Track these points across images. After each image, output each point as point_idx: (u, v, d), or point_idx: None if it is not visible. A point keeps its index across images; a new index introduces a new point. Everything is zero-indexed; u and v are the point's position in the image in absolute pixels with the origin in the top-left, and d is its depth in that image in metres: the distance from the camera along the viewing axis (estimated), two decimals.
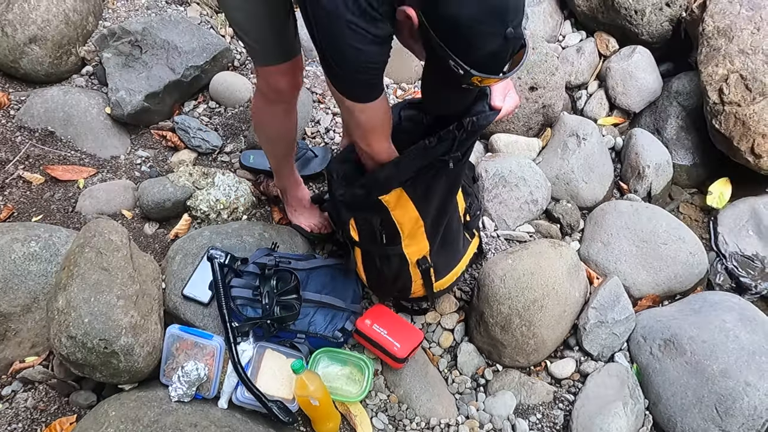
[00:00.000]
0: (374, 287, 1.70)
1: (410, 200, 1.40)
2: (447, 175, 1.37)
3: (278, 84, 1.44)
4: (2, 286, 1.51)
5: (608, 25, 2.58)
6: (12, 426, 1.46)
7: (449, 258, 1.59)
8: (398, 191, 1.38)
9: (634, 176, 2.24)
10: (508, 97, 1.34)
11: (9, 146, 2.02)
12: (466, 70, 1.03)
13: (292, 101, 1.56)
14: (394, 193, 1.38)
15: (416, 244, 1.48)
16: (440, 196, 1.42)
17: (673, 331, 1.68)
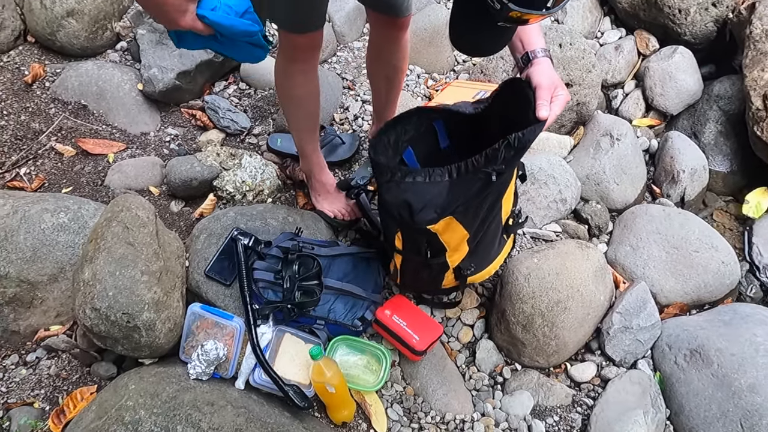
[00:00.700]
0: (405, 286, 1.68)
1: (460, 223, 1.34)
2: (492, 187, 1.28)
3: (300, 43, 1.44)
4: (31, 255, 1.54)
5: (649, 24, 2.50)
6: (35, 392, 1.49)
7: (484, 257, 1.53)
8: (448, 218, 1.31)
9: (667, 180, 2.18)
10: (556, 99, 1.21)
11: (43, 117, 2.05)
12: (504, 4, 0.90)
13: (313, 61, 1.54)
14: (443, 221, 1.31)
15: (459, 252, 1.44)
16: (486, 208, 1.36)
17: (701, 342, 1.63)
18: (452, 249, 1.41)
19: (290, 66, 1.52)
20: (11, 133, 1.99)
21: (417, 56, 2.48)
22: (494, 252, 1.55)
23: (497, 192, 1.36)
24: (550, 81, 1.21)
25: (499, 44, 1.14)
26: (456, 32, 1.12)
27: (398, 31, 1.65)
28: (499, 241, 1.55)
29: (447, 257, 1.43)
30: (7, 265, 1.52)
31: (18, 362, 1.54)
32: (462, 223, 1.34)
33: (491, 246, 1.52)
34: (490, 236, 1.47)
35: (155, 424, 1.20)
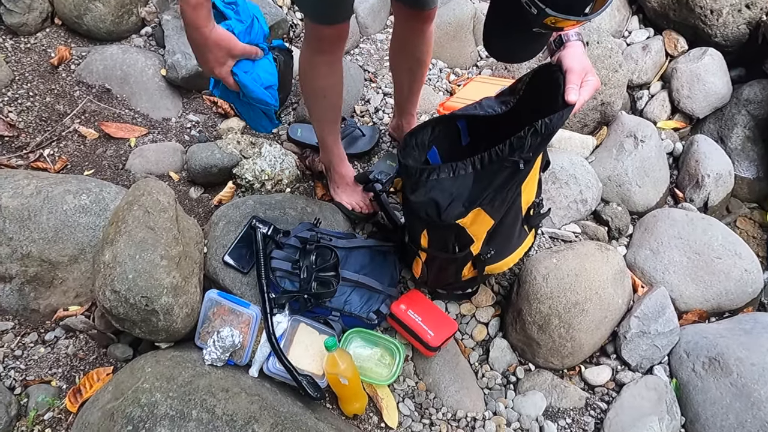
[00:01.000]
0: (428, 283, 1.67)
1: (487, 214, 1.33)
2: (520, 175, 1.28)
3: (325, 35, 1.43)
4: (53, 236, 1.56)
5: (679, 24, 2.45)
6: (53, 370, 1.51)
7: (503, 244, 1.50)
8: (476, 210, 1.30)
9: (691, 184, 2.14)
10: (586, 84, 1.18)
11: (67, 100, 2.07)
12: (541, 9, 0.88)
13: (339, 53, 1.54)
14: (471, 213, 1.30)
15: (481, 240, 1.42)
16: (510, 197, 1.35)
17: (720, 350, 1.61)
18: (478, 239, 1.40)
19: (315, 57, 1.52)
20: (36, 114, 2.01)
21: (440, 50, 2.46)
22: (514, 242, 1.52)
23: (520, 181, 1.34)
24: (581, 65, 1.19)
25: (534, 51, 1.12)
26: (490, 37, 1.10)
27: (423, 24, 1.63)
28: (520, 233, 1.52)
29: (473, 249, 1.42)
30: (29, 245, 1.54)
31: (37, 340, 1.57)
32: (489, 213, 1.33)
33: (511, 234, 1.49)
34: (509, 223, 1.45)
35: (171, 407, 1.21)
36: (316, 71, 1.55)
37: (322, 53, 1.49)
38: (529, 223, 1.52)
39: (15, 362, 1.51)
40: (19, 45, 2.17)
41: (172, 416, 1.19)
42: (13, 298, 1.58)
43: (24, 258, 1.55)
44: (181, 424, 1.18)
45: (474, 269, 1.51)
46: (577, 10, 0.92)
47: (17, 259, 1.55)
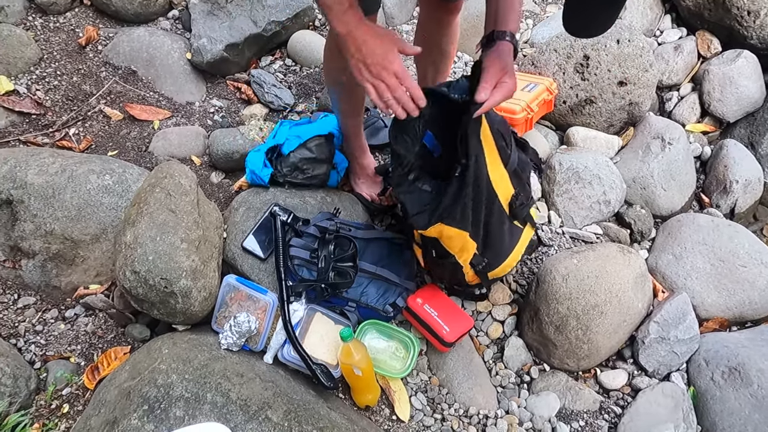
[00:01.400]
0: (431, 273, 1.67)
1: (453, 227, 1.35)
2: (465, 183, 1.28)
3: None
4: (76, 214, 1.58)
5: (714, 25, 2.38)
6: (72, 347, 1.54)
7: (498, 249, 1.49)
8: (438, 226, 1.33)
9: (718, 190, 2.09)
10: (500, 85, 1.16)
11: (94, 80, 2.09)
12: None
13: None
14: (433, 229, 1.35)
15: (467, 252, 1.43)
16: (474, 203, 1.34)
17: (741, 360, 1.57)
18: (459, 250, 1.41)
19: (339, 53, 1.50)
20: (63, 93, 2.03)
21: (466, 43, 2.43)
22: (507, 243, 1.49)
23: (474, 185, 1.31)
24: (500, 66, 1.16)
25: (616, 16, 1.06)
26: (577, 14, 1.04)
27: (449, 15, 1.60)
28: (511, 231, 1.48)
29: (457, 258, 1.43)
30: (53, 222, 1.56)
31: (57, 317, 1.59)
32: (455, 226, 1.34)
33: (500, 237, 1.46)
34: (495, 226, 1.43)
35: (186, 389, 1.22)
36: (340, 65, 1.53)
37: None
38: (516, 216, 1.47)
39: (36, 337, 1.54)
40: (48, 24, 2.19)
41: (187, 398, 1.20)
42: (36, 274, 1.60)
43: (47, 235, 1.57)
44: (196, 406, 1.19)
45: (476, 275, 1.51)
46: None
47: (41, 236, 1.57)
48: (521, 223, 1.52)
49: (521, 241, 1.54)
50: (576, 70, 2.11)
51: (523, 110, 1.96)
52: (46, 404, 1.41)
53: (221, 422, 1.16)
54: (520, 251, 1.54)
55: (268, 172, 1.68)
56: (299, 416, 1.26)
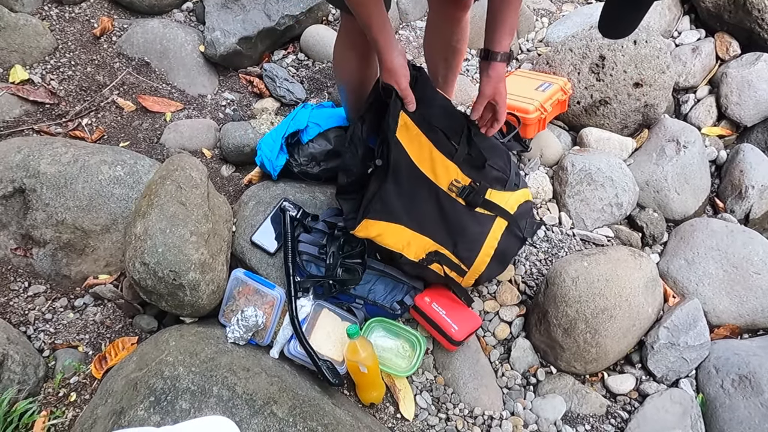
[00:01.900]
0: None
1: (381, 221, 1.39)
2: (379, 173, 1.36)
3: (357, 29, 1.40)
4: (87, 204, 1.58)
5: (733, 27, 2.34)
6: (80, 336, 1.55)
7: (468, 238, 1.50)
8: (364, 223, 1.38)
9: (733, 195, 2.06)
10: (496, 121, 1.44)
11: (107, 71, 2.10)
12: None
13: (370, 49, 1.51)
14: (361, 227, 1.39)
15: (414, 245, 1.45)
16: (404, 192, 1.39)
17: (752, 368, 1.55)
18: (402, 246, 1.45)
19: (348, 52, 1.50)
20: (77, 84, 2.04)
21: (480, 40, 2.39)
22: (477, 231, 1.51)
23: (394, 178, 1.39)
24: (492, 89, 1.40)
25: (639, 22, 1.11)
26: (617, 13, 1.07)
27: (458, 12, 1.59)
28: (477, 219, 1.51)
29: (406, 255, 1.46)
30: (64, 212, 1.57)
31: (66, 306, 1.60)
32: (380, 218, 1.39)
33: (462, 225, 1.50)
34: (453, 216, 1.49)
35: (192, 382, 1.22)
36: (349, 65, 1.53)
37: (354, 47, 1.47)
38: (473, 205, 1.49)
39: (45, 325, 1.55)
40: (64, 14, 2.20)
41: (193, 391, 1.21)
42: (47, 263, 1.61)
43: (58, 224, 1.58)
44: (202, 399, 1.20)
45: (452, 270, 1.52)
46: None
47: (52, 225, 1.58)
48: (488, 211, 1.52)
49: (493, 230, 1.53)
50: (591, 71, 2.08)
51: (537, 110, 1.94)
52: (53, 392, 1.43)
53: (227, 416, 1.17)
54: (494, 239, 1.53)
55: (284, 158, 1.66)
56: (304, 412, 1.26)
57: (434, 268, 1.51)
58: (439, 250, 1.48)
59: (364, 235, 1.40)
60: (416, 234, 1.46)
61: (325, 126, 1.69)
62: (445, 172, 1.47)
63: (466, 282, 1.57)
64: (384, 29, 1.26)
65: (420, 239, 1.46)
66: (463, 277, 1.55)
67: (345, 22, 1.46)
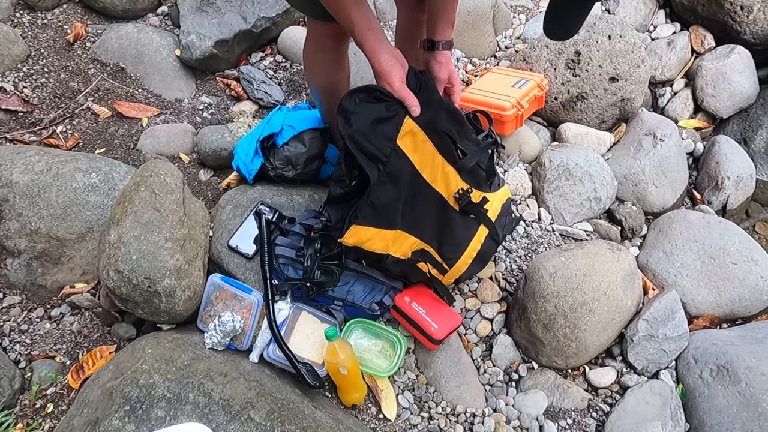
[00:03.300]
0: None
1: (371, 228, 1.33)
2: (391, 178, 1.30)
3: (326, 33, 1.40)
4: (61, 213, 1.57)
5: (707, 20, 2.37)
6: (57, 346, 1.53)
7: (454, 242, 1.50)
8: (353, 230, 1.32)
9: (710, 186, 2.08)
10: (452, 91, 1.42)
11: (82, 77, 2.07)
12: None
13: (341, 49, 1.51)
14: (349, 233, 1.32)
15: (401, 244, 1.42)
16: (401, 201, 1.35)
17: (729, 358, 1.57)
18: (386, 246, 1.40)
19: (319, 55, 1.49)
20: (50, 91, 2.02)
21: (458, 39, 2.41)
22: (463, 235, 1.51)
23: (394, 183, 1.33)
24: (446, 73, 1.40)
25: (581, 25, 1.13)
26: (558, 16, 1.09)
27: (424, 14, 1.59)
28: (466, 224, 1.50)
29: (394, 255, 1.42)
30: (38, 221, 1.56)
31: (43, 316, 1.58)
32: (368, 225, 1.33)
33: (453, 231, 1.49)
34: (447, 222, 1.47)
35: (168, 389, 1.21)
36: (321, 68, 1.52)
37: (325, 50, 1.46)
38: (466, 213, 1.49)
39: (21, 336, 1.53)
40: (36, 20, 2.17)
41: (169, 398, 1.20)
42: (21, 273, 1.59)
43: (32, 234, 1.56)
44: (177, 406, 1.19)
45: (434, 268, 1.51)
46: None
47: (26, 234, 1.56)
48: (476, 216, 1.52)
49: (478, 234, 1.54)
50: (567, 66, 2.09)
51: (514, 107, 1.95)
52: (30, 404, 1.41)
53: (203, 422, 1.16)
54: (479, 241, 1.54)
55: (259, 161, 1.66)
56: (282, 416, 1.25)
57: (421, 267, 1.49)
58: (425, 248, 1.48)
59: (353, 242, 1.35)
60: (404, 234, 1.43)
61: (299, 128, 1.69)
62: (446, 180, 1.42)
63: (447, 280, 1.57)
64: (369, 31, 1.21)
65: (407, 238, 1.44)
66: (443, 276, 1.55)
67: (312, 27, 1.45)
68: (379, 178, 1.29)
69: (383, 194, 1.32)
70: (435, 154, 1.39)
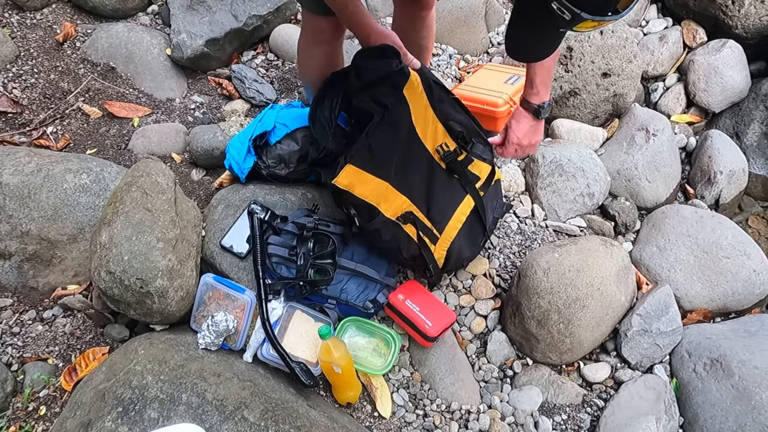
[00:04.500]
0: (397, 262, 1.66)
1: (364, 171, 1.37)
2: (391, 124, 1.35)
3: (321, 27, 1.40)
4: (52, 214, 1.56)
5: (699, 14, 2.37)
6: (49, 348, 1.52)
7: (442, 204, 1.51)
8: (347, 169, 1.35)
9: (703, 181, 2.09)
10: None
11: (72, 77, 2.06)
12: (576, 14, 0.87)
13: (335, 44, 1.51)
14: (344, 173, 1.35)
15: (392, 202, 1.43)
16: (396, 149, 1.38)
17: (723, 351, 1.57)
18: (379, 199, 1.41)
19: (313, 48, 1.49)
20: (40, 91, 2.00)
21: (450, 36, 2.41)
22: (450, 200, 1.51)
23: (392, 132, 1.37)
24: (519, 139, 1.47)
25: (551, 49, 1.15)
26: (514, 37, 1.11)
27: (422, 11, 1.59)
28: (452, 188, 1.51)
29: (384, 213, 1.43)
30: (29, 223, 1.54)
31: (35, 318, 1.57)
32: (365, 169, 1.36)
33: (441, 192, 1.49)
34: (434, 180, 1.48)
35: (161, 390, 1.21)
36: (314, 62, 1.52)
37: (319, 44, 1.46)
38: (453, 171, 1.49)
39: (13, 339, 1.53)
40: (25, 20, 2.16)
41: (162, 399, 1.19)
42: (12, 276, 1.58)
43: (23, 236, 1.55)
44: (170, 407, 1.18)
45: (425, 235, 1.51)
46: (607, 10, 0.90)
47: (17, 236, 1.55)
48: (461, 183, 1.52)
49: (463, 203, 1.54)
50: (559, 62, 2.09)
51: (506, 103, 1.95)
52: (22, 406, 1.40)
53: (196, 423, 1.15)
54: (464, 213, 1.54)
55: (251, 160, 1.65)
56: (276, 415, 1.25)
57: (408, 231, 1.49)
58: (413, 211, 1.47)
59: (345, 183, 1.37)
60: (395, 191, 1.44)
61: (292, 126, 1.68)
62: (434, 135, 1.45)
63: (439, 252, 1.54)
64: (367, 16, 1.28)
65: (397, 197, 1.45)
66: (435, 245, 1.53)
67: (307, 21, 1.45)
68: (381, 120, 1.33)
69: (382, 138, 1.36)
70: (427, 107, 1.41)
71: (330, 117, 1.49)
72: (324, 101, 1.49)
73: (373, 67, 1.34)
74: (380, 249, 1.58)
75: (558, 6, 0.86)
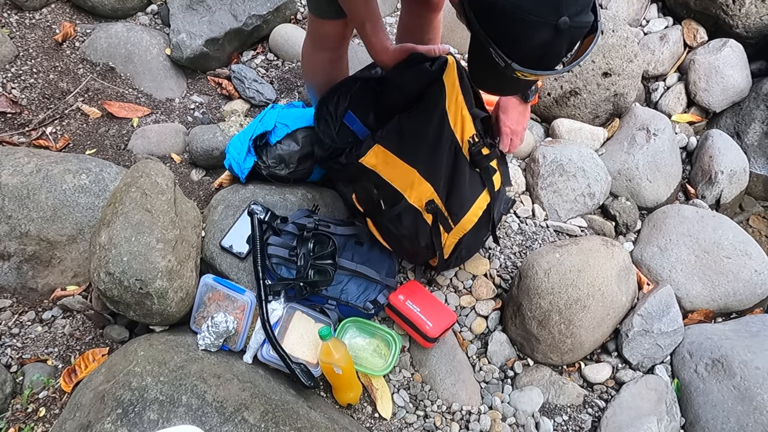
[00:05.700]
0: (402, 254, 1.65)
1: (392, 154, 1.36)
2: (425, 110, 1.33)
3: (327, 32, 1.39)
4: (51, 215, 1.55)
5: (700, 14, 2.36)
6: (49, 349, 1.52)
7: (461, 196, 1.49)
8: (375, 149, 1.35)
9: (704, 181, 2.08)
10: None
11: (71, 77, 2.05)
12: (507, 63, 0.89)
13: (340, 50, 1.50)
14: (371, 152, 1.35)
15: (417, 189, 1.42)
16: (428, 135, 1.36)
17: (724, 352, 1.57)
18: (405, 185, 1.40)
19: (317, 54, 1.49)
20: (39, 92, 2.00)
21: (451, 36, 2.40)
22: (469, 194, 1.49)
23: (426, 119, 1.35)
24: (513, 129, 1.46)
25: (516, 89, 1.17)
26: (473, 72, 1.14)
27: (430, 12, 1.58)
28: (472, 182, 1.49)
29: (408, 199, 1.42)
30: (28, 223, 1.54)
31: (34, 319, 1.57)
32: (394, 152, 1.35)
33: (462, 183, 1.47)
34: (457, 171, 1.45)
35: (161, 392, 1.20)
36: (319, 67, 1.52)
37: (325, 51, 1.46)
38: (476, 164, 1.47)
39: (12, 340, 1.52)
40: (24, 20, 2.15)
41: (161, 401, 1.19)
42: (12, 276, 1.58)
43: (22, 236, 1.54)
44: (170, 409, 1.18)
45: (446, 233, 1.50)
46: (546, 65, 0.91)
47: (16, 237, 1.55)
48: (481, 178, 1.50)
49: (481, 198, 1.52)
50: None
51: None
52: (22, 408, 1.40)
53: (196, 425, 1.15)
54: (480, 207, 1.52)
55: (251, 160, 1.64)
56: (277, 417, 1.25)
57: (427, 219, 1.48)
58: (434, 200, 1.45)
59: (373, 163, 1.36)
60: (421, 178, 1.42)
61: (293, 126, 1.67)
62: (462, 124, 1.42)
63: (449, 242, 1.53)
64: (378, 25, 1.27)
65: (422, 183, 1.43)
66: (448, 234, 1.52)
67: (313, 25, 1.44)
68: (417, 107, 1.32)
69: (414, 123, 1.35)
70: (459, 94, 1.39)
71: (335, 116, 1.47)
72: (331, 101, 1.48)
73: (409, 79, 1.33)
74: (397, 237, 1.53)
75: (493, 51, 0.88)
